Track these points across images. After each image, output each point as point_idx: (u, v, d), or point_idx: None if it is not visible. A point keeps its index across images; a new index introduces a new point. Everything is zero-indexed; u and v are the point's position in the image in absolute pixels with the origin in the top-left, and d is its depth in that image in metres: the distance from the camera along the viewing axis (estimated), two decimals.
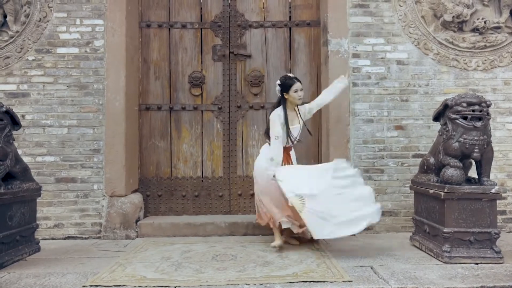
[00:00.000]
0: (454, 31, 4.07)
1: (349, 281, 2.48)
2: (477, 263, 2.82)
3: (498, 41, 4.06)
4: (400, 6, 4.08)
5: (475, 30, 4.06)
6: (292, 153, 3.62)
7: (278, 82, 3.51)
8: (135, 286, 2.44)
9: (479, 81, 4.09)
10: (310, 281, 2.47)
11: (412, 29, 4.08)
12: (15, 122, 3.12)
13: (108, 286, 2.46)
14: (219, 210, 4.38)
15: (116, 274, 2.68)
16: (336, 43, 4.07)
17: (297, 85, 3.46)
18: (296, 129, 3.52)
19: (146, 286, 2.44)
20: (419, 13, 4.08)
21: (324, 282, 2.46)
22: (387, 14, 4.10)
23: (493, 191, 2.88)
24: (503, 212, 4.01)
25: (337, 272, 2.65)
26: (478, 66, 4.08)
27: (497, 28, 4.06)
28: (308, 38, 4.46)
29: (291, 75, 3.57)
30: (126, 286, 2.45)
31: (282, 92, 3.49)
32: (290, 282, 2.46)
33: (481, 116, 2.89)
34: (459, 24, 4.05)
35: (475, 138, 2.88)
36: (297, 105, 3.56)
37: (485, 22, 4.04)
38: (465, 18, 4.02)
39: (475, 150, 2.87)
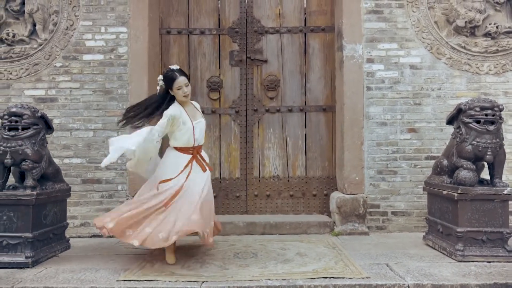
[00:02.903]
0: (467, 36, 4.18)
1: (367, 277, 2.62)
2: (489, 262, 2.94)
3: (510, 46, 4.16)
4: (413, 12, 4.20)
5: (487, 34, 4.16)
6: (204, 154, 3.30)
7: (160, 77, 3.15)
8: (165, 281, 2.61)
9: (491, 84, 4.19)
10: (330, 277, 2.62)
11: (425, 34, 4.19)
12: (48, 126, 3.30)
13: (140, 280, 2.62)
14: (236, 210, 4.53)
15: (146, 270, 2.85)
16: (350, 48, 4.21)
17: (180, 80, 3.04)
18: (200, 124, 3.19)
19: (176, 281, 2.61)
20: (432, 19, 4.19)
21: (343, 278, 2.61)
22: (401, 20, 4.22)
23: (505, 192, 3.00)
24: None
25: (355, 269, 2.79)
26: (490, 70, 4.19)
27: (509, 33, 4.16)
28: (323, 43, 4.59)
29: (174, 66, 3.13)
30: (157, 280, 2.62)
31: (166, 88, 3.11)
32: (311, 278, 2.60)
33: (494, 120, 3.02)
34: (471, 29, 4.16)
35: (488, 141, 3.01)
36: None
37: (497, 27, 4.14)
38: (477, 23, 4.13)
39: (488, 153, 2.99)
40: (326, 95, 4.56)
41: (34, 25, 4.16)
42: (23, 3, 4.15)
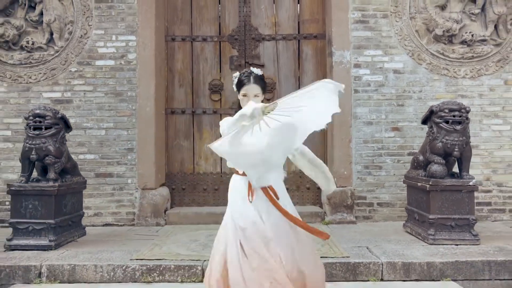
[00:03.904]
0: (445, 44, 4.58)
1: (347, 257, 3.03)
2: (457, 244, 3.34)
3: (484, 52, 4.56)
4: (396, 21, 4.60)
5: (463, 42, 4.56)
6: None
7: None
8: (172, 260, 3.02)
9: (467, 87, 4.59)
10: None
11: (407, 42, 4.59)
12: (67, 126, 3.71)
13: (151, 259, 3.04)
14: None
15: (155, 252, 3.26)
16: (339, 55, 4.61)
17: (248, 87, 2.25)
18: None
19: (182, 260, 3.02)
20: (413, 28, 4.59)
21: (326, 257, 3.01)
22: (385, 29, 4.62)
23: (471, 183, 3.40)
24: (489, 204, 4.52)
25: (337, 251, 3.20)
26: (466, 74, 4.58)
27: (483, 41, 4.56)
28: (315, 49, 4.99)
29: (252, 70, 2.33)
30: (165, 259, 3.03)
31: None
32: None
33: (461, 121, 3.42)
34: (449, 37, 4.55)
35: (456, 139, 3.41)
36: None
37: (472, 35, 4.53)
38: (454, 32, 4.52)
39: (456, 149, 3.40)
40: None
41: (51, 33, 4.57)
42: (41, 14, 4.56)
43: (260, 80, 2.31)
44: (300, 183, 4.92)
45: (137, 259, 3.06)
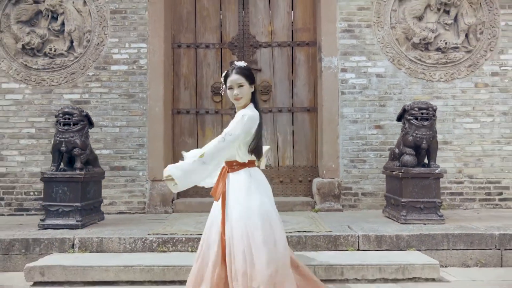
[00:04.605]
0: (422, 50, 5.15)
1: (330, 231, 3.59)
2: (425, 224, 3.90)
3: (457, 58, 5.13)
4: (378, 31, 5.17)
5: (438, 49, 5.13)
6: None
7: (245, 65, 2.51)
8: (183, 234, 3.58)
9: (441, 89, 5.16)
10: (303, 231, 3.59)
11: (388, 49, 5.17)
12: (90, 123, 4.27)
13: (165, 234, 3.60)
14: None
15: (167, 229, 3.81)
16: (328, 61, 5.18)
17: (231, 78, 2.42)
18: None
19: (191, 234, 3.58)
20: (393, 36, 5.16)
21: (312, 232, 3.57)
22: (369, 37, 5.19)
23: (437, 171, 3.97)
24: (461, 194, 5.08)
25: (322, 228, 3.76)
26: (441, 78, 5.16)
27: (455, 48, 5.13)
28: (307, 55, 5.57)
29: (235, 62, 2.51)
30: (177, 234, 3.59)
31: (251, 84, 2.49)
32: (289, 232, 3.56)
33: (428, 117, 3.99)
34: (425, 45, 5.13)
35: (424, 133, 3.98)
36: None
37: (446, 43, 5.11)
38: (430, 40, 5.10)
39: (423, 142, 3.97)
40: (309, 98, 5.53)
41: (72, 41, 5.13)
42: (62, 24, 5.12)
43: (244, 70, 2.41)
44: (293, 176, 5.47)
45: (153, 234, 3.61)
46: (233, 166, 2.40)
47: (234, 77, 2.40)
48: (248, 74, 2.43)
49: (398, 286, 3.03)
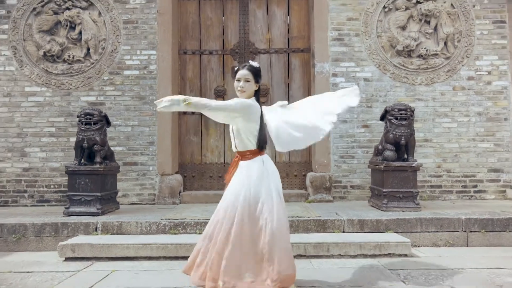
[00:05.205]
0: (405, 57, 5.70)
1: (319, 216, 4.13)
2: (403, 211, 4.44)
3: (436, 64, 5.68)
4: (366, 39, 5.72)
5: (420, 56, 5.68)
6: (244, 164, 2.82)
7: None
8: (192, 219, 4.12)
9: (423, 92, 5.71)
10: (296, 216, 4.13)
11: (374, 56, 5.71)
12: (108, 122, 4.81)
13: (176, 219, 4.14)
14: None
15: (177, 215, 4.36)
16: (320, 66, 5.73)
17: (241, 72, 2.78)
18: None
19: (198, 219, 4.12)
20: (380, 44, 5.71)
21: (304, 217, 4.12)
22: (357, 45, 5.74)
23: (414, 165, 4.51)
24: (440, 186, 5.63)
25: (313, 214, 4.31)
26: (422, 82, 5.70)
27: (435, 55, 5.68)
28: (302, 61, 6.11)
29: (251, 62, 2.84)
30: (187, 219, 4.14)
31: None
32: None
33: (406, 117, 4.54)
34: (408, 52, 5.68)
35: (402, 131, 4.53)
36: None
37: (427, 50, 5.65)
38: (412, 48, 5.65)
39: (402, 139, 4.52)
40: None
41: (88, 49, 5.67)
42: (80, 33, 5.66)
43: (254, 68, 2.72)
44: (289, 171, 6.02)
45: (166, 219, 4.16)
46: (246, 155, 2.77)
47: (244, 72, 2.74)
48: (256, 73, 2.77)
49: (376, 260, 3.56)
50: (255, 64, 2.78)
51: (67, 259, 3.66)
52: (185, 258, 3.56)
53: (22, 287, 3.00)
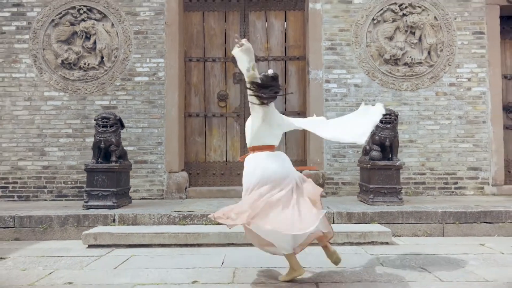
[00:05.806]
0: (392, 65, 6.22)
1: None
2: (388, 205, 4.96)
3: (421, 71, 6.20)
4: (356, 48, 6.24)
5: (405, 64, 6.20)
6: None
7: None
8: (198, 211, 4.65)
9: (408, 97, 6.23)
10: None
11: (364, 64, 6.23)
12: (122, 125, 5.33)
13: (184, 211, 4.67)
14: (237, 183, 6.54)
15: (185, 209, 4.88)
16: (314, 73, 6.25)
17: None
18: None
19: (204, 211, 4.64)
20: (369, 53, 6.23)
21: None
22: (348, 54, 6.26)
23: (397, 164, 5.05)
24: (423, 183, 6.16)
25: None
26: (407, 87, 6.22)
27: (420, 63, 6.20)
28: (298, 68, 6.63)
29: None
30: (194, 211, 4.66)
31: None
32: None
33: (391, 121, 5.07)
34: (395, 60, 6.20)
35: (387, 134, 5.06)
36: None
37: (412, 59, 6.17)
38: (398, 56, 6.17)
39: (387, 141, 5.05)
40: (299, 104, 6.60)
41: (102, 57, 6.18)
42: (94, 43, 6.17)
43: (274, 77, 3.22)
44: None
45: (175, 211, 4.68)
46: (260, 148, 3.18)
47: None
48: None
49: (360, 247, 4.09)
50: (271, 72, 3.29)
51: (90, 246, 4.18)
52: (194, 245, 4.11)
53: (57, 267, 3.52)
